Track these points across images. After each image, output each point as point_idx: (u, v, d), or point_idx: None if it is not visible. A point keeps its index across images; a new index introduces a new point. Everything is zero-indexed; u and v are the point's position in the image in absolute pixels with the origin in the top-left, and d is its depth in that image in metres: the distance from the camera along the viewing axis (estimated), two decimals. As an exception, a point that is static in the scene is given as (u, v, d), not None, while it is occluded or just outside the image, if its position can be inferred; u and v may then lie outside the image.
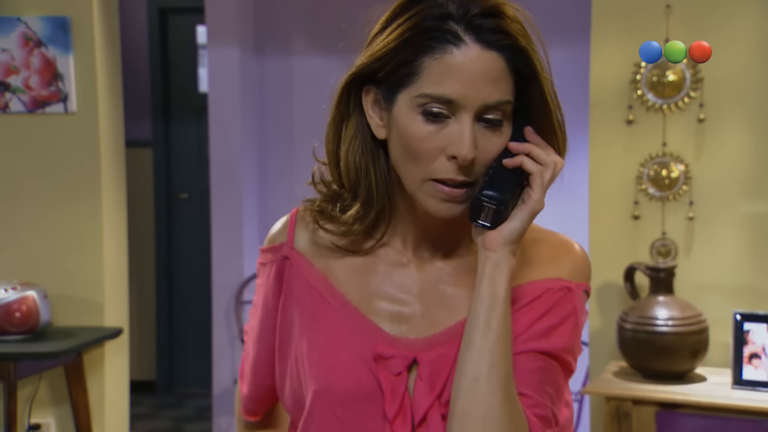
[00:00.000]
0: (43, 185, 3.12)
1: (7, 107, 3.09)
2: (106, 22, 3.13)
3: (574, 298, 0.98)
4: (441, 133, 0.92)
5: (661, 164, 2.79)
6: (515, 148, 0.94)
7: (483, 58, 0.90)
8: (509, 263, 0.93)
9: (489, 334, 0.91)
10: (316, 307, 1.02)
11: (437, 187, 0.93)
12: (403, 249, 1.02)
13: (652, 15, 2.75)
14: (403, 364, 0.97)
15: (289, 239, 1.05)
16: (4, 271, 3.11)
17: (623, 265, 2.79)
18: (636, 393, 2.51)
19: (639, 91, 2.79)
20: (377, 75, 0.95)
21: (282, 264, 1.05)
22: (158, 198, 4.92)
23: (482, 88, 0.90)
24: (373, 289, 1.01)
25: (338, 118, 0.99)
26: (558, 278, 0.99)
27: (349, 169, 0.98)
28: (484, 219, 0.93)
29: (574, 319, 0.98)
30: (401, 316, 1.00)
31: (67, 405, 3.13)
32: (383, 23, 0.96)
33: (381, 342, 0.98)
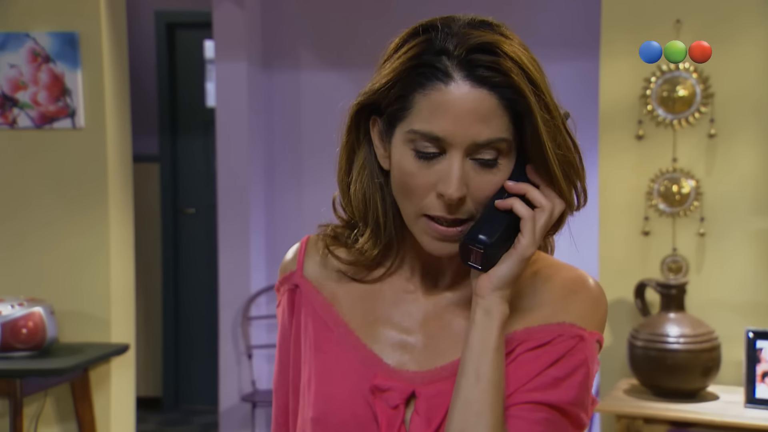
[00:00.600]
0: (51, 201, 3.11)
1: (15, 123, 3.09)
2: (114, 37, 3.13)
3: (585, 348, 0.94)
4: (432, 170, 0.90)
5: (671, 180, 2.77)
6: (510, 187, 0.91)
7: (473, 96, 0.88)
8: (500, 310, 0.91)
9: (477, 383, 0.89)
10: (319, 336, 1.01)
11: (430, 225, 0.92)
12: (410, 277, 1.01)
13: (662, 29, 2.74)
14: (401, 398, 0.95)
15: (299, 267, 1.05)
16: (11, 287, 3.10)
17: (633, 281, 2.76)
18: (647, 411, 2.48)
19: (649, 106, 2.78)
20: (380, 106, 0.94)
21: (293, 293, 1.05)
22: (165, 213, 4.92)
23: (471, 126, 0.88)
24: (378, 316, 1.00)
25: (349, 147, 0.98)
26: (571, 324, 0.94)
27: (358, 198, 0.98)
28: (474, 261, 0.91)
29: (585, 371, 0.93)
30: (404, 345, 0.98)
31: (73, 422, 3.11)
32: (389, 54, 0.95)
33: (380, 373, 0.96)
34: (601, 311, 0.97)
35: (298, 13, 4.17)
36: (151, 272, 4.88)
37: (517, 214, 0.91)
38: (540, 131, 0.90)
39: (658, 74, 2.76)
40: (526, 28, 4.61)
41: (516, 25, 3.52)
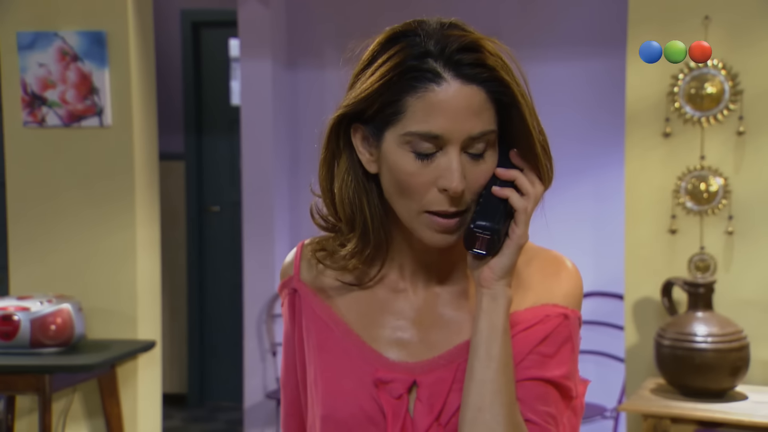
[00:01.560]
0: (78, 198, 3.14)
1: (43, 121, 3.12)
2: (141, 36, 3.15)
3: (570, 325, 1.02)
4: (430, 167, 0.95)
5: (699, 178, 2.75)
6: (502, 174, 0.98)
7: (464, 93, 0.94)
8: (505, 295, 0.97)
9: (490, 364, 0.95)
10: (322, 336, 1.06)
11: (432, 219, 0.97)
12: (400, 277, 1.06)
13: (690, 26, 2.71)
14: (403, 387, 1.00)
15: (296, 272, 1.10)
16: (40, 284, 3.13)
17: (660, 279, 2.74)
18: (674, 411, 2.46)
19: (677, 103, 2.75)
20: (364, 114, 0.98)
21: (293, 297, 1.10)
22: (190, 211, 4.95)
23: (466, 121, 0.94)
24: (373, 317, 1.05)
25: (329, 157, 1.02)
26: (554, 304, 1.02)
27: (344, 204, 1.01)
28: (479, 248, 0.96)
29: (570, 346, 1.01)
30: (400, 342, 1.04)
31: (100, 418, 3.14)
32: (364, 63, 0.99)
33: (381, 367, 1.02)
34: (579, 290, 1.05)
35: (323, 11, 4.18)
36: (177, 270, 4.92)
37: (512, 205, 0.97)
38: (526, 118, 0.96)
39: (686, 71, 2.74)
40: (553, 25, 4.62)
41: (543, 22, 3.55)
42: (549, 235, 4.33)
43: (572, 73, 3.85)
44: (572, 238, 3.96)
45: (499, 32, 4.18)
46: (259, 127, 4.06)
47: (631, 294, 2.86)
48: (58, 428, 3.13)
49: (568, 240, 3.96)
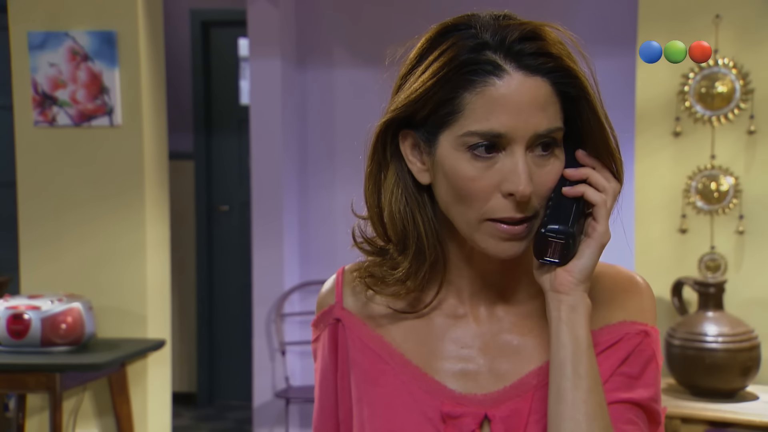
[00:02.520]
0: (88, 197, 3.15)
1: (54, 120, 3.13)
2: (151, 36, 3.16)
3: (652, 343, 0.93)
4: (492, 170, 0.86)
5: (709, 177, 2.74)
6: (572, 175, 0.88)
7: (528, 85, 0.85)
8: (585, 304, 0.87)
9: (580, 383, 0.85)
10: (374, 369, 0.96)
11: (496, 227, 0.87)
12: (458, 301, 0.96)
13: (700, 25, 2.70)
14: (475, 422, 0.91)
15: (338, 300, 1.00)
16: (50, 283, 3.15)
17: (670, 279, 2.74)
18: (685, 411, 2.45)
19: (687, 102, 2.74)
20: (414, 118, 0.89)
21: (335, 328, 0.99)
22: (199, 210, 4.96)
23: (531, 117, 0.85)
24: (433, 347, 0.95)
25: (376, 169, 0.93)
26: (633, 321, 0.92)
27: (395, 220, 0.92)
28: (551, 256, 0.87)
29: (656, 366, 0.92)
30: (466, 374, 0.94)
31: (110, 416, 3.15)
32: (413, 62, 0.90)
33: (447, 401, 0.92)
34: (654, 305, 0.96)
35: (332, 10, 4.18)
36: (186, 269, 4.93)
37: (590, 201, 0.88)
38: (598, 111, 0.88)
39: (696, 70, 2.73)
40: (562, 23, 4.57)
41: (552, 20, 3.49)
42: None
43: (582, 72, 3.83)
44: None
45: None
46: (269, 127, 4.07)
47: (641, 294, 2.85)
48: (69, 426, 3.14)
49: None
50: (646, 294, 0.95)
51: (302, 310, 4.16)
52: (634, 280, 0.95)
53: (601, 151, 0.90)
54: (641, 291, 0.95)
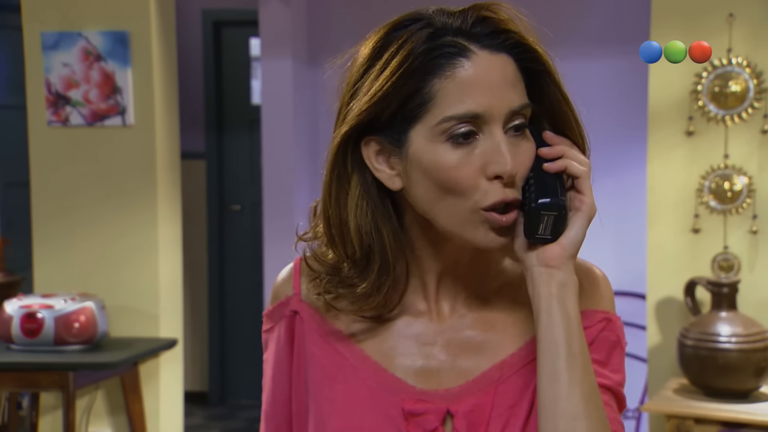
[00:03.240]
0: (101, 197, 3.16)
1: (67, 120, 3.14)
2: (163, 36, 3.17)
3: (615, 329, 0.92)
4: (474, 155, 0.84)
5: (723, 177, 2.73)
6: (548, 153, 0.87)
7: (496, 63, 0.84)
8: (574, 281, 0.86)
9: (575, 362, 0.83)
10: (332, 364, 0.93)
11: (489, 216, 0.85)
12: (421, 297, 0.93)
13: (714, 24, 2.69)
14: (437, 419, 0.89)
15: (296, 291, 0.96)
16: (63, 282, 3.16)
17: (683, 279, 2.73)
18: (698, 411, 2.45)
19: (700, 101, 2.73)
20: (377, 121, 0.86)
21: (291, 320, 0.96)
22: (211, 210, 4.97)
23: (504, 94, 0.84)
24: (393, 343, 0.92)
25: (336, 182, 0.89)
26: (594, 309, 0.92)
27: (361, 235, 0.88)
28: (543, 232, 0.85)
29: (620, 351, 0.92)
30: (427, 370, 0.92)
31: (123, 414, 3.16)
32: (364, 65, 0.87)
33: (408, 398, 0.90)
34: (611, 293, 0.95)
35: (344, 10, 4.18)
36: (198, 268, 4.94)
37: (573, 174, 0.86)
38: (560, 86, 0.87)
39: (709, 69, 2.72)
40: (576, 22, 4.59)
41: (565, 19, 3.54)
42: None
43: (595, 71, 3.83)
44: (593, 236, 3.93)
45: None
46: (280, 126, 4.07)
47: (653, 294, 2.84)
48: (82, 425, 3.16)
49: (588, 238, 3.93)
50: (603, 283, 0.94)
51: (313, 309, 4.17)
52: (591, 269, 0.95)
53: (567, 126, 0.89)
54: (598, 280, 0.94)
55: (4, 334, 2.92)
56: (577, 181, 0.86)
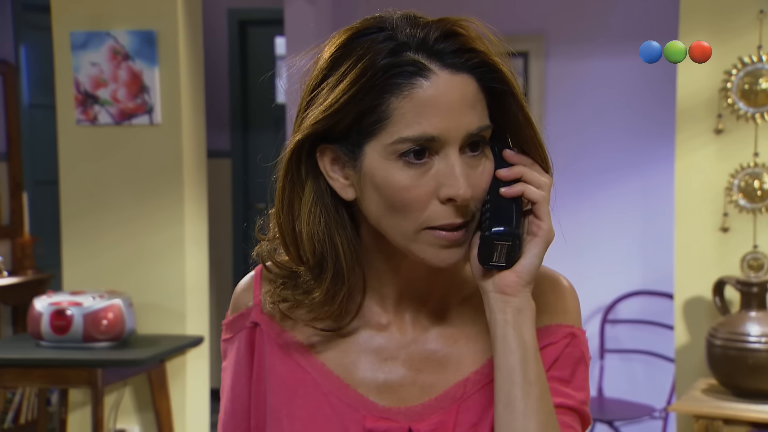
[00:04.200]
0: (129, 195, 3.19)
1: (95, 119, 3.17)
2: (190, 35, 3.19)
3: (580, 344, 0.91)
4: (428, 176, 0.82)
5: (752, 175, 2.70)
6: (506, 175, 0.84)
7: (456, 84, 0.81)
8: (531, 307, 0.84)
9: (530, 390, 0.82)
10: (293, 378, 0.91)
11: (435, 234, 0.83)
12: (382, 309, 0.91)
13: (744, 20, 2.66)
14: None
15: (256, 301, 0.94)
16: (92, 280, 3.19)
17: (711, 278, 2.70)
18: (727, 412, 2.42)
19: (729, 99, 2.70)
20: (334, 131, 0.84)
21: (251, 332, 0.94)
22: (236, 208, 4.99)
23: (462, 116, 0.81)
24: (354, 358, 0.91)
25: (290, 188, 0.87)
26: (558, 324, 0.90)
27: (312, 242, 0.86)
28: (497, 260, 0.83)
29: (584, 367, 0.91)
30: (389, 386, 0.90)
31: (150, 411, 3.18)
32: (323, 71, 0.84)
33: (370, 415, 0.88)
34: (577, 305, 0.93)
35: (369, 9, 4.17)
36: (223, 266, 4.97)
37: (530, 199, 0.84)
38: (524, 106, 0.85)
39: (739, 66, 2.69)
40: (604, 20, 4.56)
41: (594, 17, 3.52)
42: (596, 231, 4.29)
43: (623, 68, 3.80)
44: (619, 234, 3.91)
45: (547, 28, 4.16)
46: (305, 125, 4.08)
47: (681, 293, 2.82)
48: (110, 421, 3.19)
49: (615, 236, 3.92)
50: (569, 295, 0.92)
51: (338, 307, 4.17)
52: (558, 281, 0.92)
53: (529, 146, 0.86)
54: (565, 292, 0.92)
55: (34, 330, 2.95)
56: (535, 206, 0.84)
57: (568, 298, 0.92)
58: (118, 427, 3.19)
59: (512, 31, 3.89)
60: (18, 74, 4.56)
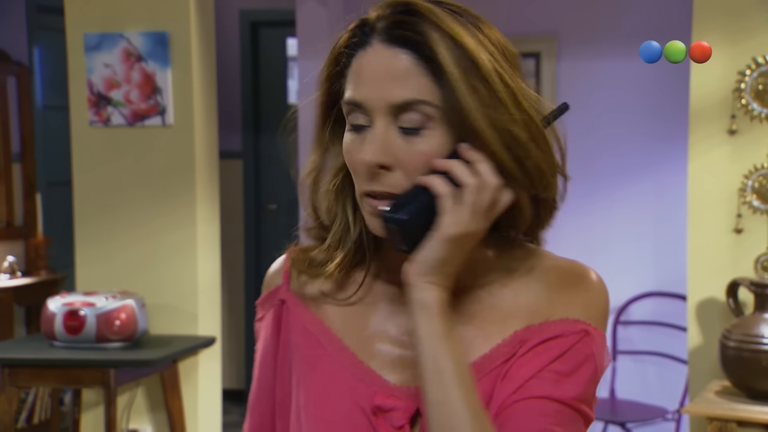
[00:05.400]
0: (141, 196, 3.20)
1: (108, 120, 3.18)
2: (202, 36, 3.20)
3: (591, 343, 0.89)
4: (364, 143, 0.86)
5: (766, 176, 2.68)
6: (434, 164, 0.84)
7: (384, 55, 0.85)
8: (434, 296, 0.84)
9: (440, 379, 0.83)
10: (313, 354, 0.94)
11: (367, 201, 0.87)
12: (400, 288, 0.91)
13: (757, 21, 2.65)
14: (405, 417, 0.89)
15: (285, 281, 0.99)
16: (104, 281, 3.20)
17: (724, 280, 2.69)
18: (741, 414, 2.41)
19: (743, 100, 2.69)
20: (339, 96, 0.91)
21: (279, 309, 0.98)
22: (248, 209, 5.00)
23: (384, 87, 0.84)
24: (373, 331, 0.93)
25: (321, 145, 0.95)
26: (575, 320, 0.89)
27: (329, 200, 0.93)
28: (397, 243, 0.84)
29: (592, 367, 0.88)
30: (403, 361, 0.91)
31: (163, 411, 3.20)
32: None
33: (380, 392, 0.90)
34: (603, 305, 0.91)
35: (380, 9, 4.18)
36: (234, 267, 4.98)
37: (435, 192, 0.84)
38: (457, 91, 0.82)
39: (753, 67, 2.68)
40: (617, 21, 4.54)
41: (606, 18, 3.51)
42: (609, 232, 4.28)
43: (637, 69, 3.79)
44: (632, 235, 3.90)
45: (559, 29, 4.14)
46: (317, 126, 4.09)
47: (694, 294, 2.80)
48: (123, 421, 3.20)
49: (628, 237, 3.90)
50: (594, 291, 0.91)
51: (350, 308, 4.18)
52: (585, 276, 0.91)
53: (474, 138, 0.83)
54: (590, 288, 0.91)
55: (48, 331, 2.97)
56: (439, 198, 0.84)
57: (591, 293, 0.90)
58: (131, 427, 3.21)
59: (524, 32, 3.88)
60: (32, 76, 4.58)
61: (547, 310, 0.90)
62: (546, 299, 0.90)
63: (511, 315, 0.90)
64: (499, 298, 0.91)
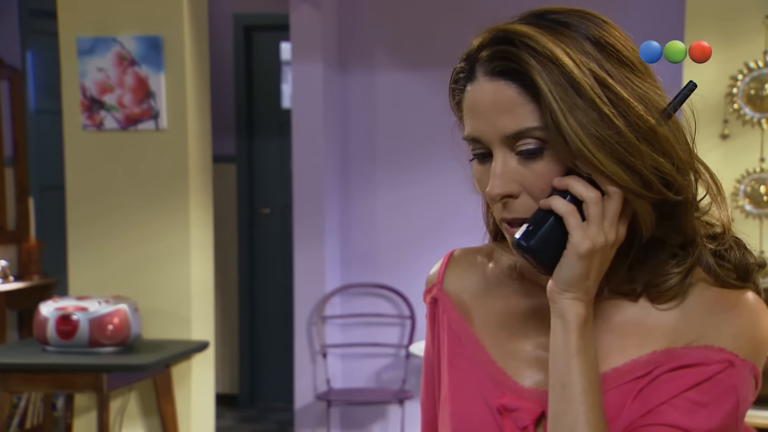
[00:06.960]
0: (135, 200, 3.20)
1: (101, 124, 3.18)
2: (195, 41, 3.20)
3: (735, 375, 0.84)
4: (487, 173, 0.89)
5: (758, 180, 2.69)
6: (554, 184, 0.86)
7: (490, 89, 0.86)
8: (574, 312, 0.85)
9: (564, 393, 0.84)
10: (453, 352, 1.00)
11: (504, 226, 0.89)
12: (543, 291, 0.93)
13: (750, 26, 2.66)
14: (530, 418, 0.91)
15: (439, 280, 1.04)
16: (97, 285, 3.19)
17: (718, 284, 2.70)
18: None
19: (735, 104, 2.70)
20: None
21: (434, 307, 1.04)
22: (241, 213, 4.99)
23: (495, 120, 0.86)
24: (514, 331, 0.96)
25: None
26: (720, 348, 0.85)
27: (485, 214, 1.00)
28: (536, 267, 0.87)
29: (734, 400, 0.83)
30: (540, 362, 0.93)
31: (156, 416, 3.19)
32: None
33: (508, 392, 0.93)
34: (759, 336, 0.87)
35: (374, 15, 4.19)
36: (228, 271, 4.97)
37: (558, 213, 0.84)
38: (555, 113, 0.82)
39: (745, 72, 2.69)
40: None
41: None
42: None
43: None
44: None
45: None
46: (310, 130, 4.09)
47: (687, 298, 2.81)
48: (115, 426, 3.19)
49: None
50: (747, 319, 0.87)
51: (343, 312, 4.17)
52: (740, 301, 0.88)
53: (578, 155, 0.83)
54: (742, 314, 0.87)
55: (40, 335, 2.96)
56: (564, 218, 0.85)
57: (744, 321, 0.86)
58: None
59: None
60: (24, 80, 4.57)
61: (693, 334, 0.87)
62: (694, 321, 0.87)
63: (654, 332, 0.88)
64: (646, 311, 0.90)
